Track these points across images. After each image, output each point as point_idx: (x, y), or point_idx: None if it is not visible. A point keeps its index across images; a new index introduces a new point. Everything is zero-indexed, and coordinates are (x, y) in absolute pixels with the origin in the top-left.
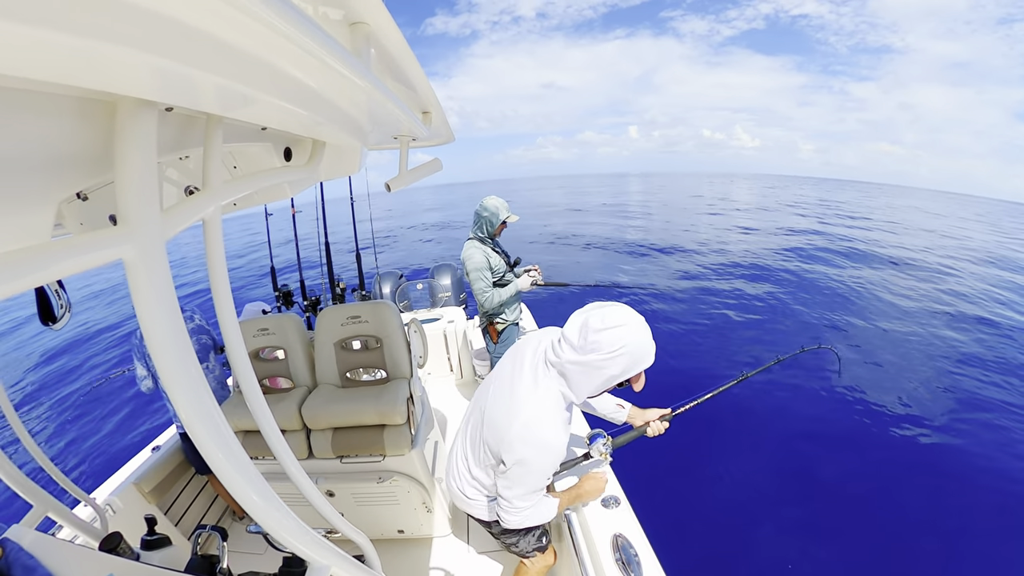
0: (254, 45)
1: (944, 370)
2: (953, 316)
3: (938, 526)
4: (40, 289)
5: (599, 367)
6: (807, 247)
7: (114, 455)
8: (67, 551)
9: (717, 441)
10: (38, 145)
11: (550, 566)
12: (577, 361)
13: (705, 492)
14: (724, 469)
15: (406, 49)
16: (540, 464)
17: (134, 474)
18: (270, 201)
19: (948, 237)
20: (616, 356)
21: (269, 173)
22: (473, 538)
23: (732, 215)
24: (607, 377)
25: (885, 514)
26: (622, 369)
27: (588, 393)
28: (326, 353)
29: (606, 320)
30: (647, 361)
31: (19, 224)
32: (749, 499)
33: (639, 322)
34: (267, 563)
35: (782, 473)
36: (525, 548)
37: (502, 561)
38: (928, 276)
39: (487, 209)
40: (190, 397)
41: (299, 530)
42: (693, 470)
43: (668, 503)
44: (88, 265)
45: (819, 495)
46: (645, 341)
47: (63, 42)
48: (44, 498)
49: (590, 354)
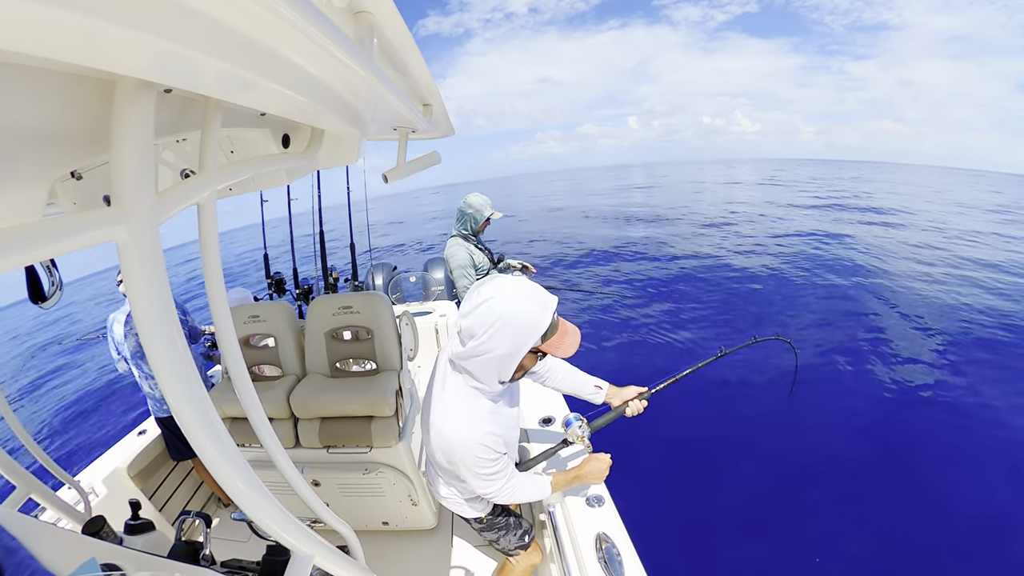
0: (257, 30)
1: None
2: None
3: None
4: (31, 268)
5: (484, 352)
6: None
7: (99, 439)
8: (50, 533)
9: (704, 439)
10: (34, 122)
11: (535, 565)
12: (463, 354)
13: (694, 492)
14: (713, 468)
15: (409, 40)
16: (476, 460)
17: (119, 458)
18: (266, 187)
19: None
20: (494, 334)
21: (266, 159)
22: (458, 532)
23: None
24: (501, 357)
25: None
26: (512, 344)
27: (502, 378)
28: (316, 342)
29: (471, 300)
30: (539, 326)
31: (11, 201)
32: (740, 499)
33: (511, 289)
34: (251, 551)
35: (772, 472)
36: (507, 546)
37: (487, 556)
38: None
39: (471, 206)
40: (178, 381)
41: (284, 518)
42: (681, 470)
43: (653, 502)
44: (81, 245)
45: (809, 493)
46: (522, 307)
47: (65, 19)
48: (28, 479)
49: (469, 341)
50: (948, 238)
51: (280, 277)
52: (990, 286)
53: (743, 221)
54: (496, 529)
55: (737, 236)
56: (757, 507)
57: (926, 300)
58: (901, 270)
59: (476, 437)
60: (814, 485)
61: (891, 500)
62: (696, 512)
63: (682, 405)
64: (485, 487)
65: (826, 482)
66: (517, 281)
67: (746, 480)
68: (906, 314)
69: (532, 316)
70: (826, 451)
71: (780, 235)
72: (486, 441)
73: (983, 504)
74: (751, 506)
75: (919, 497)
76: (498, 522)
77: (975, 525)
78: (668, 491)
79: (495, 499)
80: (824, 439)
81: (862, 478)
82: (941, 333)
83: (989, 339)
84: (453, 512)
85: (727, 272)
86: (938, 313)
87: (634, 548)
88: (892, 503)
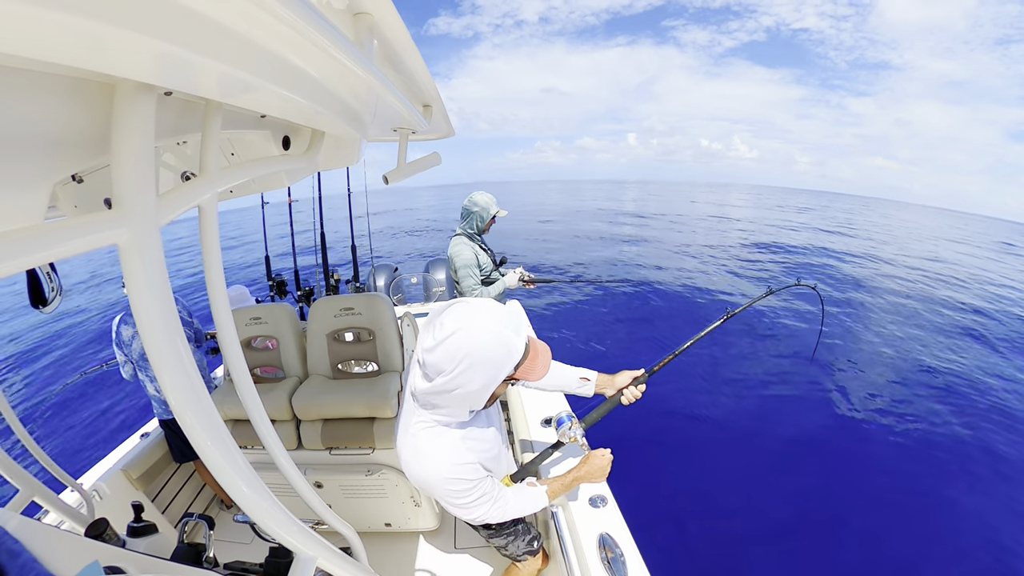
0: (257, 32)
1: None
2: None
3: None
4: (31, 271)
5: (454, 388)
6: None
7: (102, 440)
8: (53, 536)
9: (704, 441)
10: (35, 125)
11: (540, 570)
12: (430, 391)
13: (695, 492)
14: (714, 470)
15: (409, 41)
16: (450, 492)
17: (122, 460)
18: (267, 189)
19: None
20: (465, 370)
21: (267, 161)
22: (460, 534)
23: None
24: (473, 392)
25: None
26: (484, 379)
27: (473, 408)
28: (318, 344)
29: (433, 332)
30: (514, 356)
31: (13, 205)
32: (740, 501)
33: (479, 320)
34: (254, 553)
35: (769, 473)
36: (515, 552)
37: (489, 559)
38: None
39: (477, 204)
40: (181, 383)
41: (286, 520)
42: (683, 469)
43: (656, 503)
44: (82, 248)
45: (808, 498)
46: (494, 339)
47: (66, 22)
48: (30, 482)
49: (437, 377)
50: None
51: (282, 279)
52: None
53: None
54: (505, 535)
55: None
56: (766, 507)
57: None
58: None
59: (445, 472)
60: (823, 488)
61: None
62: (703, 513)
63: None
64: (469, 514)
65: (830, 490)
66: (483, 307)
67: (755, 478)
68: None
69: (505, 348)
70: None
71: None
72: (457, 473)
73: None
74: (764, 507)
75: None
76: (507, 528)
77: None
78: (668, 492)
79: (487, 520)
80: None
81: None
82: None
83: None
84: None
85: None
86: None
87: (638, 549)
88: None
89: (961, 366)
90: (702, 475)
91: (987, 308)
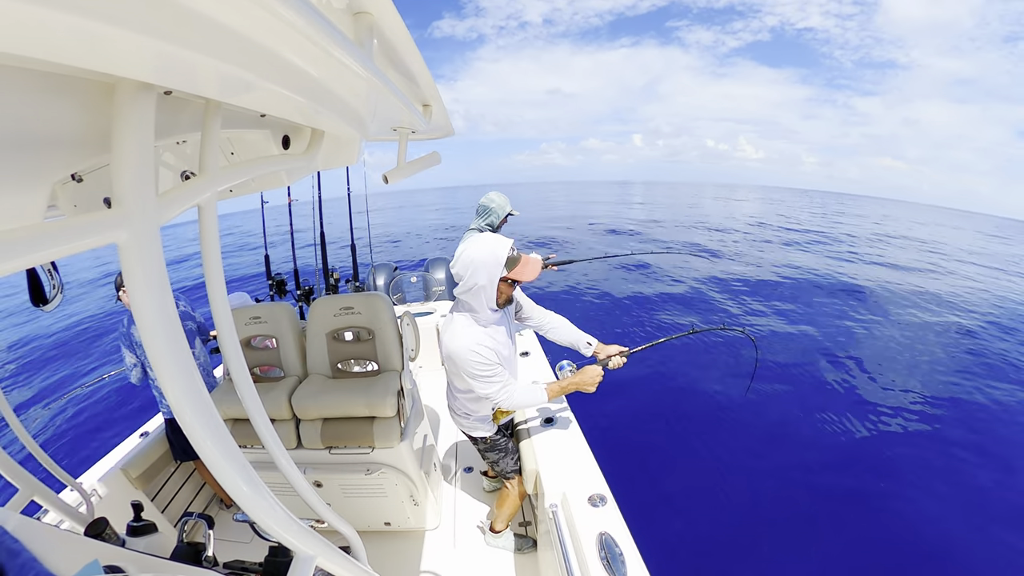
0: (257, 31)
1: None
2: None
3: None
4: (32, 270)
5: (471, 285)
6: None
7: (102, 441)
8: (52, 536)
9: (705, 441)
10: (35, 125)
11: (524, 495)
12: (459, 292)
13: (696, 492)
14: (714, 467)
15: (409, 41)
16: (471, 362)
17: (121, 460)
18: (266, 189)
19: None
20: (473, 271)
21: (266, 160)
22: (459, 533)
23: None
24: (482, 287)
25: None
26: (486, 276)
27: (490, 304)
28: (318, 343)
29: (456, 254)
30: (500, 257)
31: (13, 204)
32: (740, 501)
33: (478, 239)
34: (253, 552)
35: (766, 473)
36: (505, 468)
37: (489, 555)
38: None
39: (495, 202)
40: (180, 383)
41: (286, 519)
42: (683, 469)
43: (656, 502)
44: (82, 247)
45: (809, 501)
46: (485, 248)
47: (66, 22)
48: (30, 481)
49: (460, 281)
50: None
51: (281, 278)
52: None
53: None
54: (497, 450)
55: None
56: (759, 508)
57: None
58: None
59: (469, 344)
60: (820, 489)
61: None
62: (703, 513)
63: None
64: (484, 387)
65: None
66: (480, 235)
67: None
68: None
69: (493, 252)
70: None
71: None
72: (479, 346)
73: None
74: (755, 508)
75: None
76: (499, 443)
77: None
78: (668, 491)
79: (497, 399)
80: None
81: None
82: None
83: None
84: (455, 512)
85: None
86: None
87: (637, 548)
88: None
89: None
90: (702, 475)
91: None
